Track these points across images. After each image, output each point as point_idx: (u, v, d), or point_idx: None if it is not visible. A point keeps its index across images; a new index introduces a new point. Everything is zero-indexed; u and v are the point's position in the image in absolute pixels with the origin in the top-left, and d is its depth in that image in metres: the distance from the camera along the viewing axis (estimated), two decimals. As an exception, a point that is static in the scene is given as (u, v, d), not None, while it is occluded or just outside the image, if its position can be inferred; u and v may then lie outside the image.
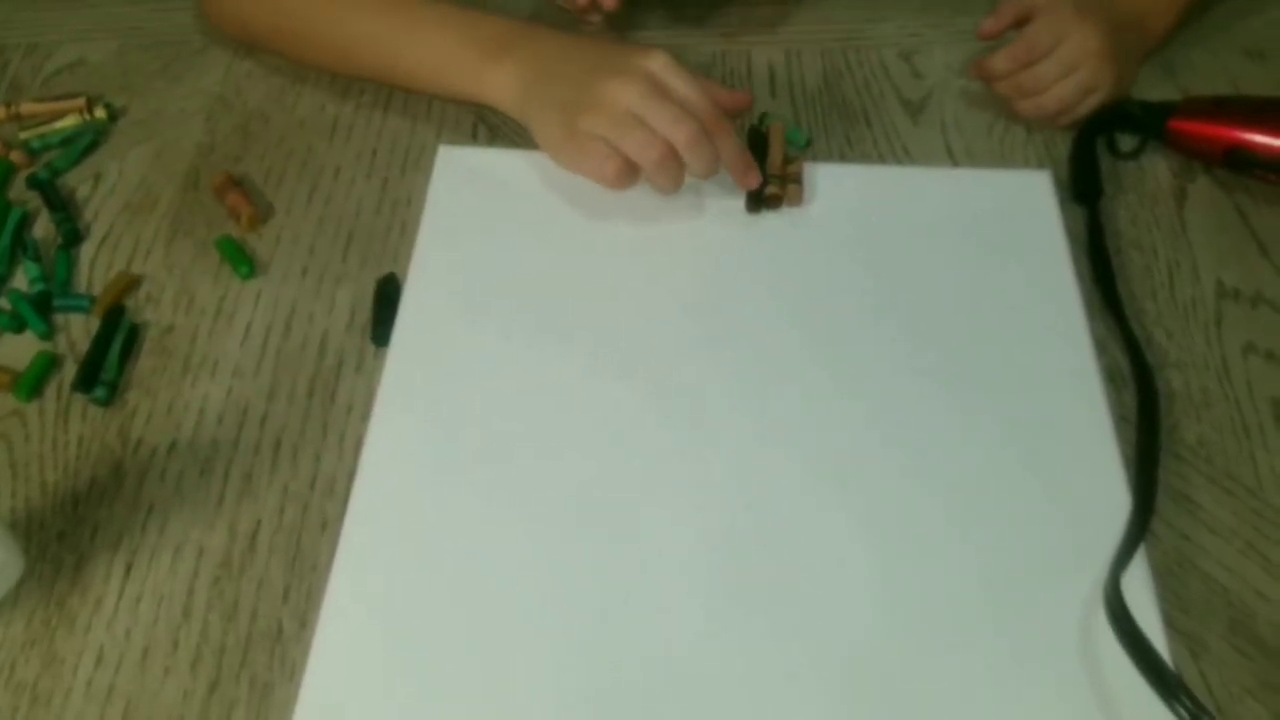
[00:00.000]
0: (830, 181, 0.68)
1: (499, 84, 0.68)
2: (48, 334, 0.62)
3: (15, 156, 0.71)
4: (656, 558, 0.52)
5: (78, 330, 0.62)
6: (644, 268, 0.64)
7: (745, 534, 0.53)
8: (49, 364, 0.60)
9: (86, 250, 0.67)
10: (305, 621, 0.51)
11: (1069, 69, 0.71)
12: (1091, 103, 0.72)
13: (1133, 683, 0.47)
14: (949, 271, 0.63)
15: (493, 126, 0.74)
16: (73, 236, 0.66)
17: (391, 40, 0.71)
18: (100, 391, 0.59)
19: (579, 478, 0.55)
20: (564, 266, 0.64)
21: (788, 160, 0.68)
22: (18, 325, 0.62)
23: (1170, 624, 0.50)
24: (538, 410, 0.57)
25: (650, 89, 0.63)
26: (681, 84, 0.64)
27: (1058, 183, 0.68)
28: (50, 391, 0.60)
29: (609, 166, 0.63)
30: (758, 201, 0.66)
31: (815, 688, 0.48)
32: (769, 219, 0.66)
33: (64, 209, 0.68)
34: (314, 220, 0.68)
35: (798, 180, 0.67)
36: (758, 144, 0.69)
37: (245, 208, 0.67)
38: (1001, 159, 0.72)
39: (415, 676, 0.48)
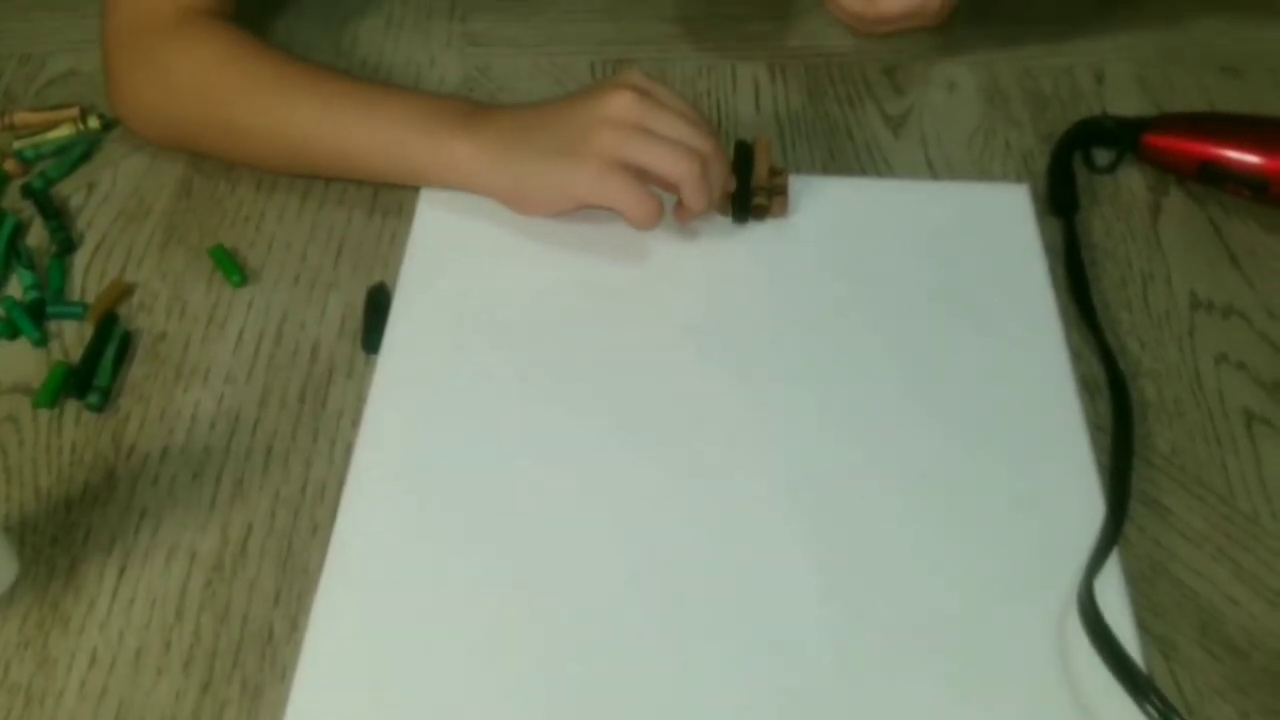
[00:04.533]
0: (814, 193, 0.69)
1: (467, 152, 0.64)
2: (42, 341, 0.62)
3: (9, 166, 0.71)
4: (644, 569, 0.53)
5: (71, 337, 0.63)
6: (631, 279, 0.65)
7: (726, 544, 0.53)
8: (66, 375, 0.61)
9: (80, 258, 0.67)
10: (296, 624, 0.52)
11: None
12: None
13: (1105, 684, 0.48)
14: (928, 281, 0.65)
15: (482, 138, 0.75)
16: (66, 245, 0.67)
17: (342, 122, 0.66)
18: (94, 398, 0.59)
19: (565, 487, 0.55)
20: (551, 275, 0.65)
21: (774, 173, 0.69)
22: (11, 332, 0.63)
23: (1142, 627, 0.51)
24: (525, 417, 0.58)
25: (645, 98, 0.62)
26: (666, 93, 0.63)
27: (1035, 195, 0.70)
28: (44, 397, 0.60)
29: (645, 202, 0.61)
30: (744, 212, 0.67)
31: (796, 692, 0.49)
32: (755, 230, 0.67)
33: (57, 218, 0.69)
34: (306, 228, 0.69)
35: (783, 192, 0.68)
36: (744, 157, 0.70)
37: None
38: (980, 172, 0.73)
39: (404, 679, 0.49)
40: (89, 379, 0.60)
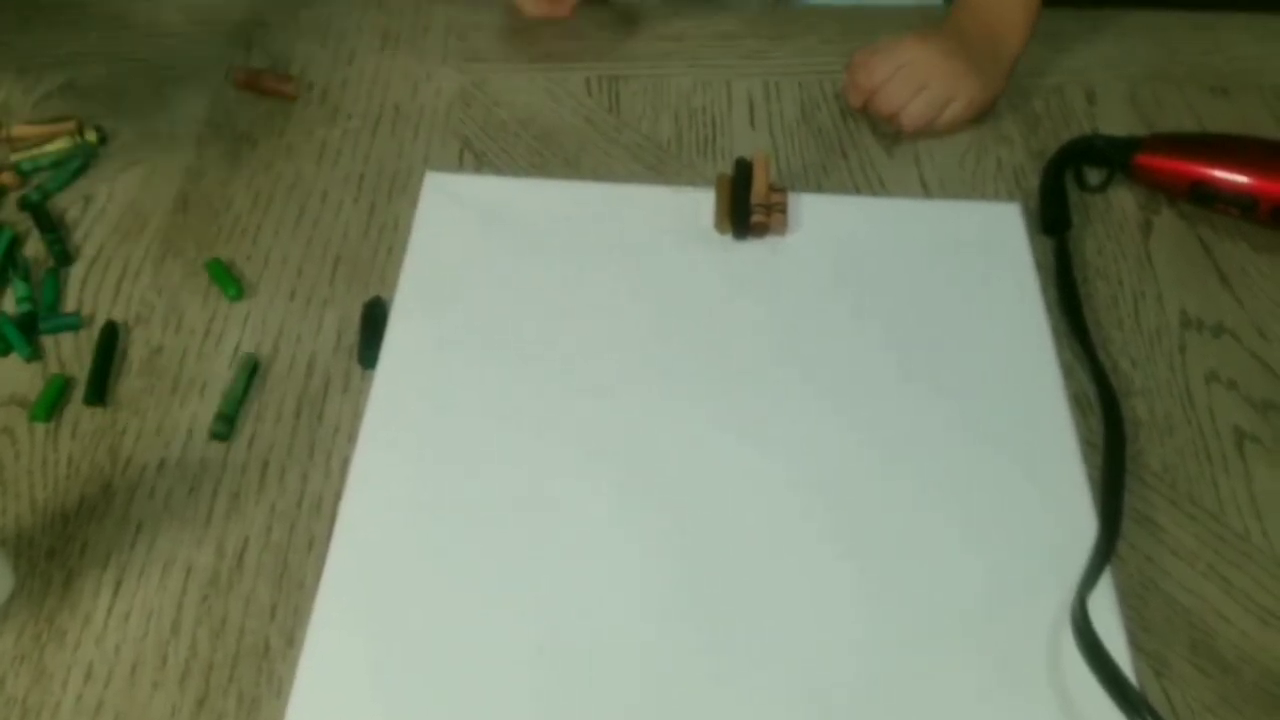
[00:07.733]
0: (811, 210, 0.70)
1: None
2: (33, 356, 0.62)
3: (6, 178, 0.72)
4: (642, 581, 0.53)
5: (68, 350, 0.63)
6: (630, 294, 0.65)
7: (723, 558, 0.54)
8: (62, 387, 0.61)
9: (76, 271, 0.67)
10: (292, 639, 0.52)
11: (917, 86, 0.75)
12: (956, 110, 0.76)
13: (1098, 700, 0.48)
14: (922, 298, 0.65)
15: (479, 153, 0.75)
16: (63, 258, 0.67)
17: None
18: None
19: (562, 500, 0.56)
20: (549, 291, 0.65)
21: (773, 189, 0.70)
22: (3, 348, 0.63)
23: (1134, 643, 0.52)
24: (521, 433, 0.58)
25: None
26: None
27: (1027, 214, 0.70)
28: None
29: None
30: (744, 229, 0.68)
31: (783, 705, 0.49)
32: (754, 246, 0.68)
33: (54, 230, 0.69)
34: (302, 243, 0.69)
35: (782, 209, 0.68)
36: (743, 173, 0.70)
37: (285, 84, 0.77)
38: (973, 190, 0.74)
39: (399, 693, 0.49)
40: (104, 385, 0.61)
